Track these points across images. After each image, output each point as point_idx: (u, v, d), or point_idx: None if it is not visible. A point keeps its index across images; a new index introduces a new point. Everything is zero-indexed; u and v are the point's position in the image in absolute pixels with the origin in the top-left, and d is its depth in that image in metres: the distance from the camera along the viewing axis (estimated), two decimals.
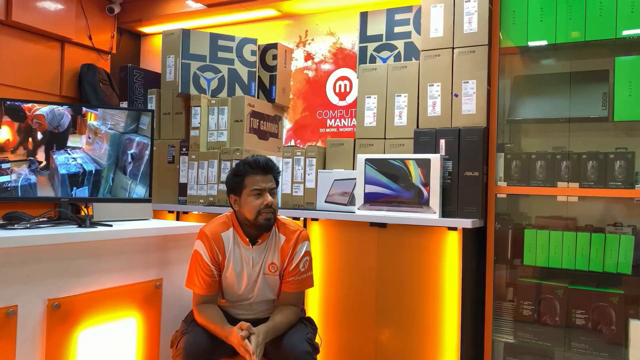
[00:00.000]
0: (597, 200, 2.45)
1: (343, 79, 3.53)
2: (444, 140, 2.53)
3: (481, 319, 2.50)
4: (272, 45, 3.58)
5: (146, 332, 2.13)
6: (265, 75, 3.59)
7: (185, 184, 3.29)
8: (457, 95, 2.57)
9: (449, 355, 2.37)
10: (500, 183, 2.51)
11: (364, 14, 3.16)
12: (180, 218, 3.25)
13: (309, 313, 2.59)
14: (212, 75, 3.46)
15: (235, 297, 2.12)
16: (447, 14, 2.62)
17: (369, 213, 2.58)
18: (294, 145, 3.49)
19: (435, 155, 2.46)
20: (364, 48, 3.14)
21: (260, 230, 2.08)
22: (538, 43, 2.48)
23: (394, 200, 2.54)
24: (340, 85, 3.54)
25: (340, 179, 2.80)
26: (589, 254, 2.31)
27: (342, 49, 3.54)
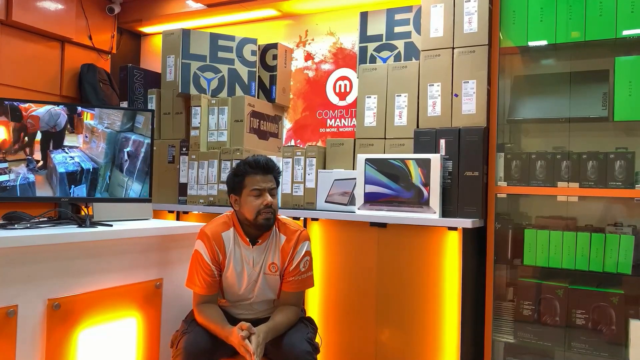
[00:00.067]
0: (597, 200, 2.45)
1: (343, 79, 3.53)
2: (444, 140, 2.53)
3: (481, 319, 2.50)
4: (272, 45, 3.58)
5: (146, 332, 2.13)
6: (265, 75, 3.59)
7: (185, 184, 3.29)
8: (457, 95, 2.57)
9: (449, 355, 2.37)
10: (500, 183, 2.51)
11: (364, 14, 3.15)
12: (180, 218, 3.26)
13: (309, 313, 2.59)
14: (212, 75, 3.46)
15: (235, 297, 2.13)
16: (447, 14, 2.62)
17: (369, 213, 2.58)
18: (294, 145, 3.49)
19: (436, 155, 2.46)
20: (364, 48, 3.14)
21: (260, 230, 2.08)
22: (538, 43, 2.48)
23: (394, 200, 2.54)
24: (340, 85, 3.54)
25: (341, 179, 2.80)
26: (589, 254, 2.31)
27: (342, 49, 3.54)
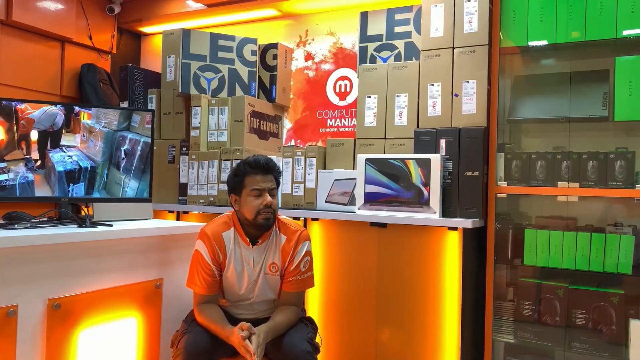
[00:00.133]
0: (598, 200, 2.45)
1: (343, 79, 3.53)
2: (444, 140, 2.53)
3: (481, 319, 2.50)
4: (273, 45, 3.58)
5: (146, 332, 2.13)
6: (265, 75, 3.59)
7: (185, 184, 3.29)
8: (458, 95, 2.57)
9: (449, 355, 2.37)
10: (500, 183, 2.50)
11: (364, 14, 3.15)
12: (180, 218, 3.25)
13: (309, 313, 2.59)
14: (213, 75, 3.46)
15: (235, 297, 2.12)
16: (448, 14, 2.62)
17: (369, 213, 2.58)
18: (294, 145, 3.49)
19: (436, 155, 2.46)
20: (364, 48, 3.14)
21: (260, 230, 2.08)
22: (538, 43, 2.48)
23: (394, 200, 2.54)
24: (340, 85, 3.54)
25: (341, 179, 2.80)
26: (589, 254, 2.31)
27: (343, 49, 3.54)
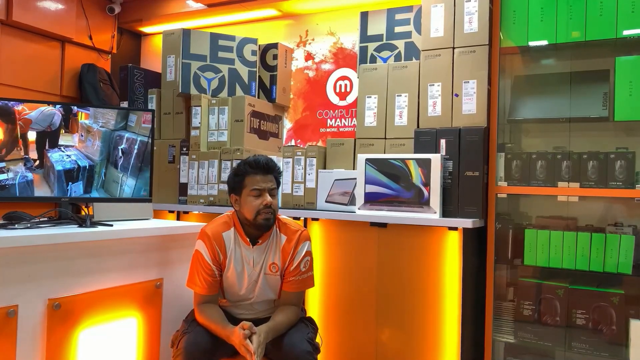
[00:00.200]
0: (598, 200, 2.45)
1: (343, 79, 3.53)
2: (444, 140, 2.53)
3: (481, 319, 2.50)
4: (273, 45, 3.58)
5: (146, 332, 2.13)
6: (265, 75, 3.59)
7: (185, 184, 3.29)
8: (458, 95, 2.57)
9: (450, 355, 2.37)
10: (500, 183, 2.50)
11: (364, 14, 3.15)
12: (180, 218, 3.26)
13: (310, 313, 2.59)
14: (213, 75, 3.46)
15: (236, 297, 2.12)
16: (448, 14, 2.61)
17: (369, 213, 2.58)
18: (295, 145, 3.49)
19: (436, 155, 2.46)
20: (364, 48, 3.14)
21: (260, 230, 2.08)
22: (538, 43, 2.47)
23: (394, 200, 2.53)
24: (340, 85, 3.54)
25: (341, 179, 2.80)
26: (589, 254, 2.31)
27: (343, 49, 3.54)
